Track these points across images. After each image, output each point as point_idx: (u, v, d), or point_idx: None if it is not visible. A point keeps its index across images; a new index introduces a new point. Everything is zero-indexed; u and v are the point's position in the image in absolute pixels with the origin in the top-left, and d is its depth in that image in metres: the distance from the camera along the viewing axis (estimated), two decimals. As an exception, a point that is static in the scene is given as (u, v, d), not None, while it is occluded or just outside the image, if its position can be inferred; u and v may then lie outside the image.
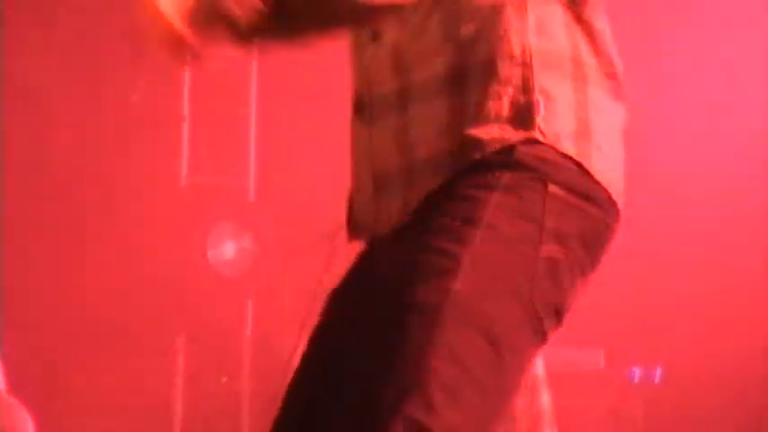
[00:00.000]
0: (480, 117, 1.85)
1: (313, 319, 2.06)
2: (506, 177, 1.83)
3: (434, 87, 1.94)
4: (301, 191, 5.79)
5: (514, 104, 1.87)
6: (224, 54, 1.95)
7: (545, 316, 1.86)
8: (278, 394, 1.97)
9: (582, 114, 1.93)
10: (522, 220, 1.84)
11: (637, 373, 5.60)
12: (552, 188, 1.85)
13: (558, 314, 1.90)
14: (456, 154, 1.86)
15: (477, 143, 1.84)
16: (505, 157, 1.84)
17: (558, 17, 1.93)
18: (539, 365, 2.20)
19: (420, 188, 1.91)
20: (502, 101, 1.86)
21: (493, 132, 1.85)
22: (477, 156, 1.84)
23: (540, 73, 1.89)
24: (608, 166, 1.95)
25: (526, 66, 1.88)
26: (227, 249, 5.88)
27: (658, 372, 5.56)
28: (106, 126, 6.01)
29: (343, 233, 2.14)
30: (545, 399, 2.24)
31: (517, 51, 1.87)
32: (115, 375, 5.84)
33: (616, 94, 2.03)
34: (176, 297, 5.96)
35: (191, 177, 6.04)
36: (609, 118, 2.01)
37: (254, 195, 5.85)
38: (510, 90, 1.86)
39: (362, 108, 2.06)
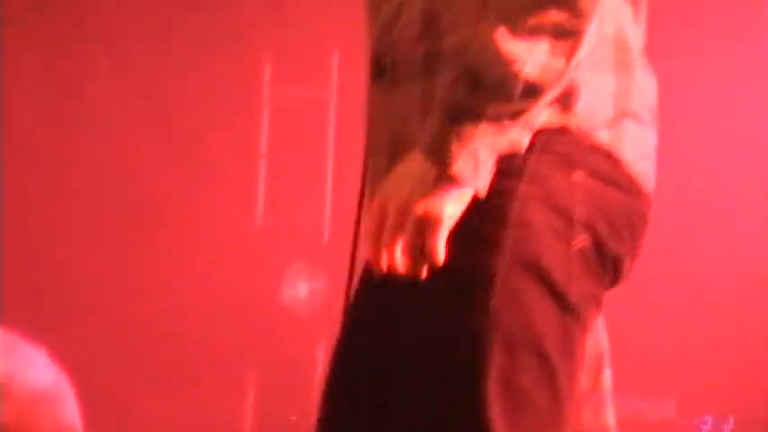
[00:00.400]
0: None
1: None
2: (533, 162, 1.79)
3: None
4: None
5: None
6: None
7: (585, 309, 1.84)
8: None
9: (621, 102, 1.91)
10: (551, 213, 1.80)
11: (708, 422, 5.54)
12: (579, 174, 1.83)
13: (597, 301, 1.90)
14: None
15: None
16: (536, 139, 1.78)
17: None
18: (598, 341, 2.11)
19: None
20: None
21: None
22: None
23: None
24: (640, 155, 1.93)
25: None
26: (301, 289, 5.99)
27: (731, 422, 5.55)
28: (183, 164, 6.16)
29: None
30: (607, 374, 2.18)
31: None
32: (184, 407, 5.92)
33: (649, 71, 2.01)
34: (249, 334, 6.06)
35: (267, 217, 6.16)
36: (648, 101, 1.99)
37: (329, 236, 5.97)
38: None
39: (382, 71, 1.99)
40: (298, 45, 6.15)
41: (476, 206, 1.75)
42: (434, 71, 1.85)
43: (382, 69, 1.98)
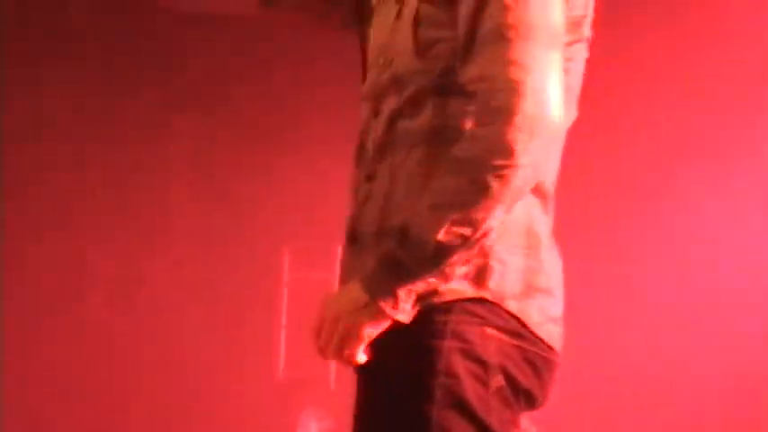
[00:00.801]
0: None
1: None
2: (453, 323, 2.15)
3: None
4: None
5: (474, 265, 2.15)
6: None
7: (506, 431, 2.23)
8: None
9: (529, 278, 2.22)
10: (471, 362, 2.15)
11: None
12: (491, 330, 2.17)
13: (515, 424, 2.26)
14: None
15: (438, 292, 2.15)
16: (456, 306, 2.16)
17: None
18: None
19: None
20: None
21: (452, 284, 2.14)
22: (436, 300, 2.14)
23: (497, 242, 2.15)
24: (545, 320, 2.25)
25: None
26: (313, 430, 6.88)
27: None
28: (220, 332, 6.87)
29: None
30: None
31: None
32: None
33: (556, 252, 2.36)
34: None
35: (286, 371, 7.16)
36: (554, 279, 2.31)
37: (335, 384, 6.85)
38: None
39: (354, 240, 2.37)
40: (309, 236, 7.12)
41: (414, 361, 2.16)
42: (382, 244, 2.21)
43: (354, 239, 2.35)
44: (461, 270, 2.13)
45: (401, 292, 2.10)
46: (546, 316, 2.26)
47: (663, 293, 6.29)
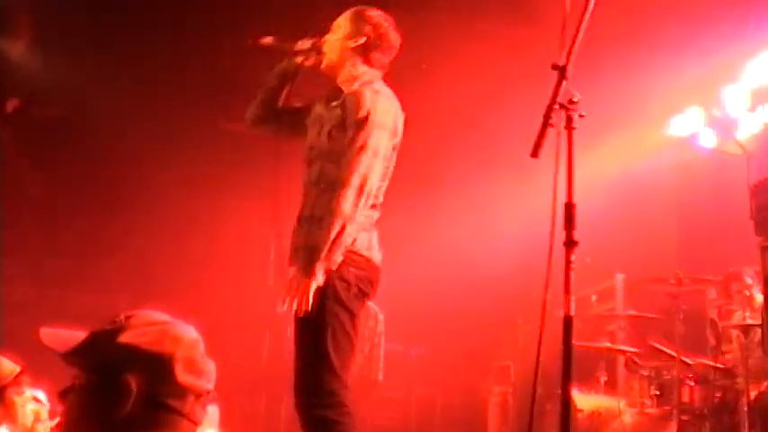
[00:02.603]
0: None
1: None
2: (336, 270, 4.99)
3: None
4: None
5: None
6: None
7: (357, 311, 5.09)
8: None
9: (370, 241, 5.14)
10: (343, 282, 5.01)
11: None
12: (352, 269, 5.03)
13: (360, 308, 5.12)
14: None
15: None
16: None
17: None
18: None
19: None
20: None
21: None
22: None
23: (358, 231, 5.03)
24: (376, 256, 5.17)
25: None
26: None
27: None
28: None
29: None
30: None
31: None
32: None
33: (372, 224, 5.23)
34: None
35: None
36: (373, 221, 5.15)
37: None
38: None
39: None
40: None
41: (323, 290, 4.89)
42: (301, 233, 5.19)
43: (299, 222, 5.28)
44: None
45: (318, 266, 4.84)
46: (376, 255, 5.16)
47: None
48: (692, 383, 7.85)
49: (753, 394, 7.29)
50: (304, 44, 5.41)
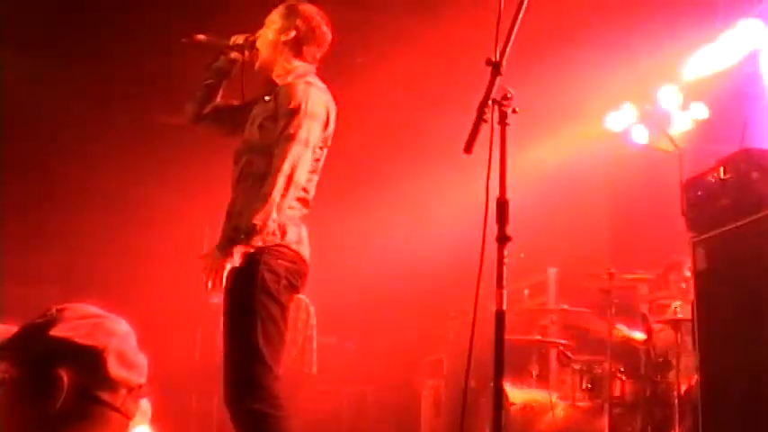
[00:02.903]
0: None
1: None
2: (266, 258, 5.00)
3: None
4: None
5: (279, 230, 5.04)
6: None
7: (287, 303, 5.08)
8: None
9: (298, 236, 5.15)
10: (272, 274, 5.01)
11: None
12: (281, 261, 5.04)
13: (289, 300, 5.11)
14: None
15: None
16: (266, 249, 4.99)
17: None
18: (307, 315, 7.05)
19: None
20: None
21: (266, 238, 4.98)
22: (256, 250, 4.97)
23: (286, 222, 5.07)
24: (301, 242, 5.15)
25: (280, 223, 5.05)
26: None
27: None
28: None
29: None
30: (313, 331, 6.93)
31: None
32: None
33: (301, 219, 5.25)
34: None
35: None
36: (303, 234, 5.19)
37: None
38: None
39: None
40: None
41: (249, 280, 4.92)
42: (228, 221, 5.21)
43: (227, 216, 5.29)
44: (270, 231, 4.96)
45: (235, 251, 4.86)
46: (305, 250, 5.17)
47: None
48: (624, 377, 7.92)
49: (683, 388, 7.37)
50: (237, 39, 5.45)
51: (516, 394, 8.67)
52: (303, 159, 5.04)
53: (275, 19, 5.41)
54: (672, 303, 7.89)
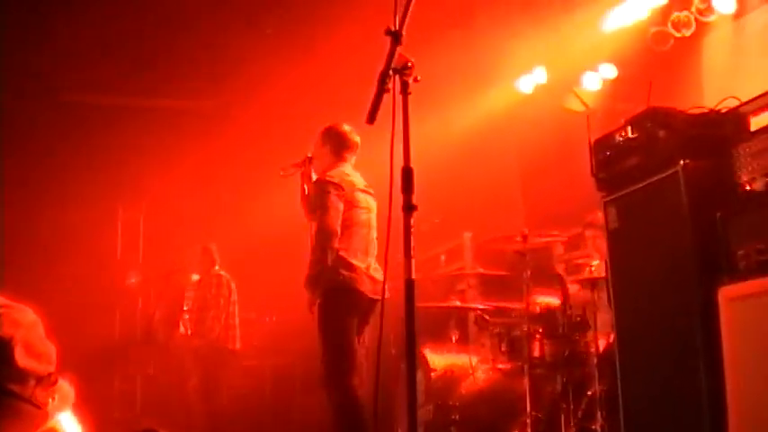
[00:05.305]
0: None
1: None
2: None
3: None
4: None
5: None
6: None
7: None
8: None
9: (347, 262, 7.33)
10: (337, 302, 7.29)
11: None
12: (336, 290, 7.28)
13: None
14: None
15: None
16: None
17: None
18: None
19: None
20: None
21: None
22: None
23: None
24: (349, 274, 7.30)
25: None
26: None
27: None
28: None
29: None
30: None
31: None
32: None
33: None
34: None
35: None
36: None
37: None
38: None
39: None
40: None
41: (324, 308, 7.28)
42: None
43: None
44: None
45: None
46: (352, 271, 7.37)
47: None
48: (543, 338, 7.99)
49: (602, 345, 7.47)
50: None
51: (437, 360, 8.74)
52: None
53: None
54: (588, 263, 7.97)
